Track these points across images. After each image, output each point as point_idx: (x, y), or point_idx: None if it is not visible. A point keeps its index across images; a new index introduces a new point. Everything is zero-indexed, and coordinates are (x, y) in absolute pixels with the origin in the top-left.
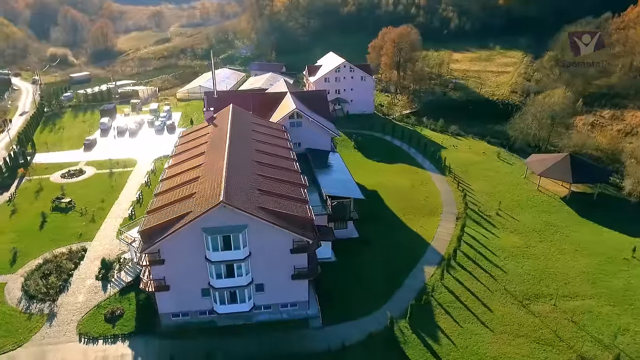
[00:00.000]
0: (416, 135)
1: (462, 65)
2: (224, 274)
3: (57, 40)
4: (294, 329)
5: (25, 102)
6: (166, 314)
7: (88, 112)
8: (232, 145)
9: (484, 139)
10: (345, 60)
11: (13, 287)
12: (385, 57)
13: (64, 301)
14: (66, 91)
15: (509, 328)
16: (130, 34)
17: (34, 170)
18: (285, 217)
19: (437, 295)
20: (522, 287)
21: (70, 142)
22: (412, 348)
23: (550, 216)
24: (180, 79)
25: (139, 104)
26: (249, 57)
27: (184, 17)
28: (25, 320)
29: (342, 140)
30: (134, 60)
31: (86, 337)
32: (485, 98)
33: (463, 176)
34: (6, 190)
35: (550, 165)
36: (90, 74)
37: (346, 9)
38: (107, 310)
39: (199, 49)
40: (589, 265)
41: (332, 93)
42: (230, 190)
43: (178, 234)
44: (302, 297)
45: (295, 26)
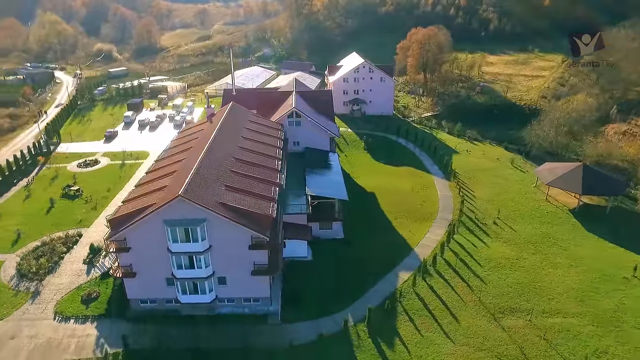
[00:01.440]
0: (430, 138)
1: (495, 69)
2: (185, 265)
3: (106, 36)
4: (252, 324)
5: (63, 95)
6: (135, 300)
7: (117, 105)
8: (215, 142)
9: (501, 144)
10: (365, 60)
11: (9, 266)
12: (411, 58)
13: (50, 281)
14: (100, 85)
15: (472, 341)
16: (175, 31)
17: (55, 159)
18: (244, 213)
19: (405, 301)
20: (499, 300)
21: (94, 133)
22: (364, 352)
23: (552, 228)
24: (213, 75)
25: (166, 99)
26: (283, 56)
27: (228, 16)
28: (12, 296)
29: (353, 141)
30: (173, 56)
31: (60, 316)
32: (512, 102)
33: (469, 182)
34: (26, 176)
35: (561, 174)
36: (127, 69)
37: (384, 8)
38: (85, 293)
39: (236, 47)
40: (581, 281)
41: (351, 93)
42: (193, 185)
43: (141, 224)
44: (263, 293)
45: (332, 25)
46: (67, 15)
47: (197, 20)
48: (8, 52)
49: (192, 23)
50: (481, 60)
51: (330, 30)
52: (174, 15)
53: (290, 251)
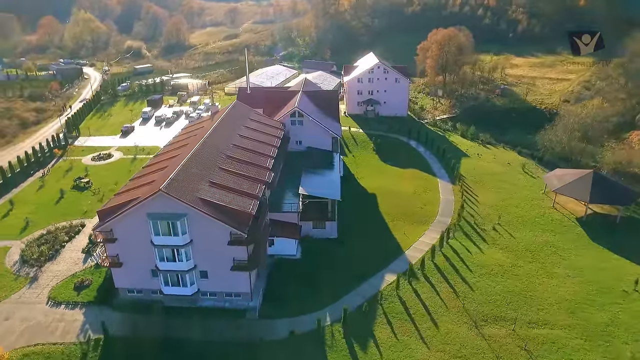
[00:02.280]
0: (441, 141)
1: (520, 71)
2: (167, 257)
3: (138, 34)
4: (231, 318)
5: (89, 91)
6: (122, 289)
7: (138, 101)
8: (209, 139)
9: (515, 149)
10: (380, 61)
11: (14, 252)
12: (430, 59)
13: (48, 268)
14: (124, 82)
15: (449, 347)
16: (205, 29)
17: (72, 152)
18: (224, 209)
19: (386, 304)
20: (484, 308)
21: (112, 128)
22: (336, 352)
23: (554, 236)
24: (235, 73)
25: (185, 96)
26: (307, 55)
27: (258, 14)
28: (12, 280)
29: (363, 141)
30: (200, 54)
31: (52, 301)
32: (532, 106)
33: (474, 186)
34: (44, 168)
35: (569, 181)
36: (152, 66)
37: (411, 8)
38: (78, 280)
39: (262, 46)
40: (576, 293)
41: (365, 94)
42: (176, 180)
43: (126, 216)
44: (243, 289)
45: (358, 25)
46: (103, 14)
47: (228, 18)
48: (45, 48)
49: (222, 21)
50: (505, 62)
51: (356, 29)
52: (206, 14)
53: (279, 249)
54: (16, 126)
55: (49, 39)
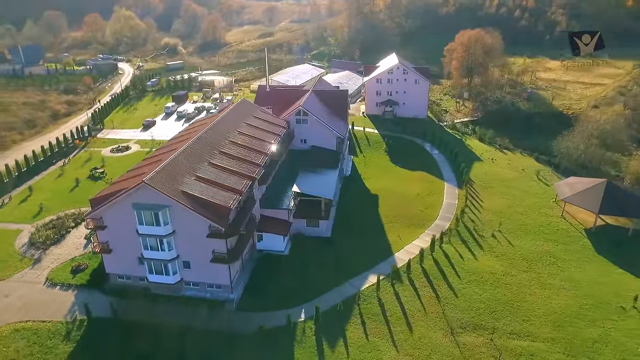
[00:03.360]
0: (457, 144)
1: (552, 75)
2: (151, 246)
3: (176, 31)
4: (210, 308)
5: (121, 85)
6: (113, 275)
7: (165, 97)
8: (206, 135)
9: (532, 154)
10: (400, 62)
11: (24, 235)
12: (455, 61)
13: (52, 251)
14: (153, 77)
15: (418, 352)
16: (242, 28)
17: (94, 143)
18: (204, 203)
19: (364, 304)
20: (465, 315)
21: (136, 122)
22: (303, 348)
23: (556, 246)
24: (263, 71)
25: (210, 92)
26: (337, 54)
27: (296, 14)
28: (18, 261)
29: (376, 142)
30: (233, 52)
31: (49, 282)
32: (558, 111)
33: (482, 191)
34: (66, 157)
35: (580, 190)
36: (183, 63)
37: (445, 9)
38: (75, 264)
39: (295, 45)
40: (568, 306)
41: (384, 95)
42: (162, 173)
43: (114, 205)
44: (223, 281)
45: (391, 25)
46: (145, 12)
47: (266, 17)
48: (88, 44)
49: (260, 20)
50: (537, 65)
51: (389, 30)
52: (246, 12)
53: (267, 244)
54: (48, 117)
55: (92, 35)
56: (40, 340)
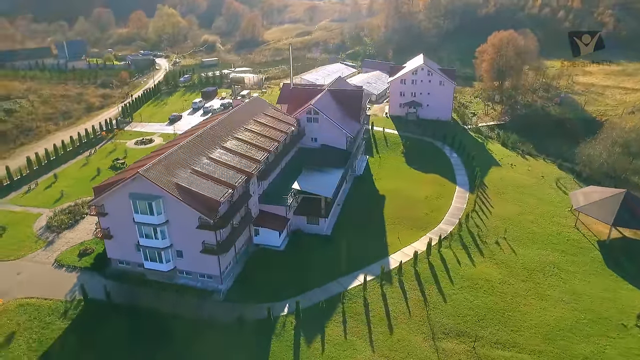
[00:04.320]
0: (477, 148)
1: (592, 79)
2: (146, 234)
3: (218, 28)
4: (198, 297)
5: (154, 80)
6: (114, 260)
7: (195, 92)
8: (211, 130)
9: (556, 161)
10: (425, 63)
11: (43, 219)
12: (485, 63)
13: (65, 235)
14: (187, 73)
15: (394, 354)
16: (283, 26)
17: (121, 135)
18: (195, 195)
19: (348, 303)
20: (450, 321)
21: (163, 116)
22: (280, 341)
23: (563, 257)
24: (296, 70)
25: (239, 89)
26: (372, 54)
27: (337, 13)
28: (33, 242)
29: (394, 143)
30: (270, 50)
31: (57, 264)
32: (592, 117)
33: (494, 197)
34: (92, 148)
35: (595, 200)
36: (218, 59)
37: (485, 10)
38: (83, 248)
39: (331, 44)
40: (563, 319)
41: (408, 96)
42: (159, 165)
43: (114, 194)
44: (213, 271)
45: (428, 26)
46: (189, 9)
47: (306, 16)
48: (132, 40)
49: (300, 19)
50: (574, 69)
51: (426, 30)
52: (288, 11)
53: (264, 239)
54: (82, 109)
55: (136, 32)
56: (40, 316)
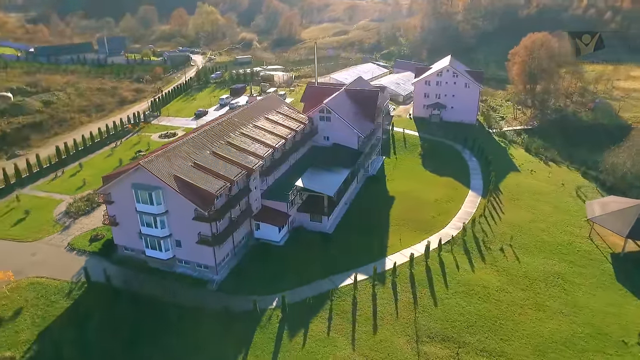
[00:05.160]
0: (497, 153)
1: (635, 84)
2: (147, 223)
3: (256, 26)
4: (194, 286)
5: (186, 76)
6: (120, 246)
7: (224, 89)
8: (218, 126)
9: (580, 169)
10: (450, 64)
11: (63, 205)
12: (516, 65)
13: (80, 221)
14: (218, 70)
15: (374, 354)
16: (321, 25)
17: (147, 128)
18: (192, 187)
19: (337, 301)
20: (437, 325)
21: (190, 111)
22: (263, 333)
23: (570, 268)
24: (328, 68)
25: (266, 86)
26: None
27: (377, 12)
28: (51, 226)
29: (413, 145)
30: (305, 49)
31: (69, 247)
32: (626, 124)
33: (507, 203)
34: (119, 140)
35: (611, 211)
36: (251, 57)
37: (526, 10)
38: (94, 234)
39: (366, 44)
40: (559, 332)
41: (432, 97)
42: (161, 157)
43: (118, 183)
44: (209, 262)
45: (466, 27)
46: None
47: (346, 15)
48: (172, 37)
49: (340, 18)
50: (616, 73)
51: (464, 32)
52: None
53: (264, 233)
54: (115, 103)
55: (177, 29)
56: (47, 294)
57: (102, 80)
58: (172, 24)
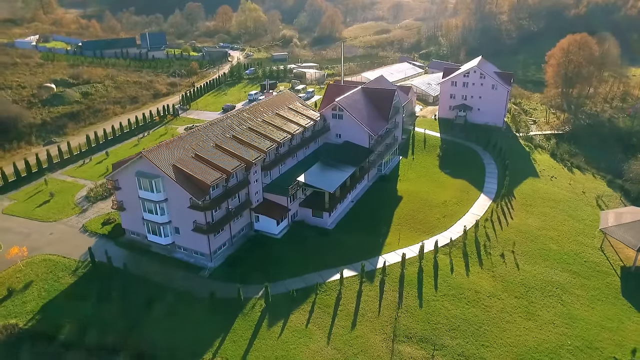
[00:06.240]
0: (519, 157)
1: None
2: (148, 209)
3: (299, 24)
4: (189, 271)
5: (220, 72)
6: (127, 230)
7: (256, 85)
8: (227, 119)
9: (606, 177)
10: (478, 65)
11: (85, 190)
12: (551, 68)
13: (97, 205)
14: (252, 66)
15: (347, 348)
16: (364, 24)
17: (175, 121)
18: (189, 177)
19: (322, 295)
20: (418, 326)
21: (219, 106)
22: (244, 320)
23: (572, 279)
24: (362, 67)
25: (298, 83)
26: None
27: (422, 11)
28: (71, 209)
29: (432, 146)
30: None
31: (83, 229)
32: None
33: (518, 209)
34: (146, 131)
35: (625, 222)
36: (287, 54)
37: (574, 10)
38: (107, 218)
39: (406, 43)
40: (545, 342)
41: (459, 98)
42: (164, 148)
43: (124, 170)
44: (203, 249)
45: (509, 27)
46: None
47: (391, 14)
48: (216, 33)
49: (384, 16)
50: None
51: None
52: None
53: (263, 226)
54: (149, 96)
55: (222, 25)
56: (55, 270)
57: (140, 74)
58: (217, 20)
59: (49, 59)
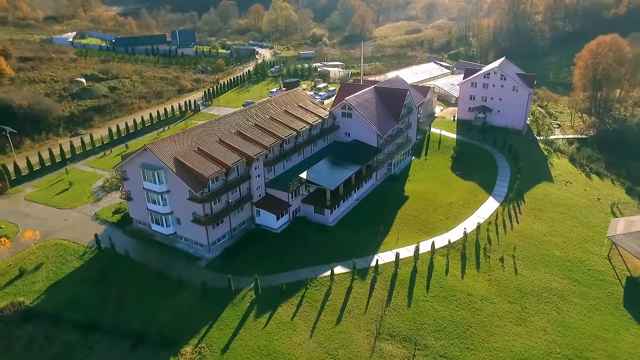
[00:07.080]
0: (536, 160)
1: None
2: (152, 200)
3: (330, 22)
4: (187, 261)
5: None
6: (135, 220)
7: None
8: (234, 115)
9: (625, 184)
10: (498, 66)
11: (101, 180)
12: (578, 70)
13: (111, 195)
14: (276, 64)
15: (328, 343)
16: (396, 23)
17: (196, 116)
18: (189, 170)
19: (312, 289)
20: (403, 325)
21: (240, 102)
22: (233, 309)
23: (572, 287)
24: (389, 66)
25: (320, 82)
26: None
27: (456, 11)
28: (86, 197)
29: (446, 147)
30: (374, 46)
31: (95, 217)
32: None
33: (526, 213)
34: (167, 125)
35: (634, 231)
36: (314, 52)
37: (614, 11)
38: (118, 207)
39: (436, 43)
40: (533, 349)
41: (478, 100)
42: (167, 141)
43: (131, 162)
44: (202, 240)
45: (542, 28)
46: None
47: (424, 13)
48: (247, 31)
49: (417, 16)
50: None
51: (541, 33)
52: (410, 8)
53: (263, 220)
54: (174, 91)
55: (252, 23)
56: (64, 254)
57: (167, 70)
58: (249, 18)
59: (82, 54)
